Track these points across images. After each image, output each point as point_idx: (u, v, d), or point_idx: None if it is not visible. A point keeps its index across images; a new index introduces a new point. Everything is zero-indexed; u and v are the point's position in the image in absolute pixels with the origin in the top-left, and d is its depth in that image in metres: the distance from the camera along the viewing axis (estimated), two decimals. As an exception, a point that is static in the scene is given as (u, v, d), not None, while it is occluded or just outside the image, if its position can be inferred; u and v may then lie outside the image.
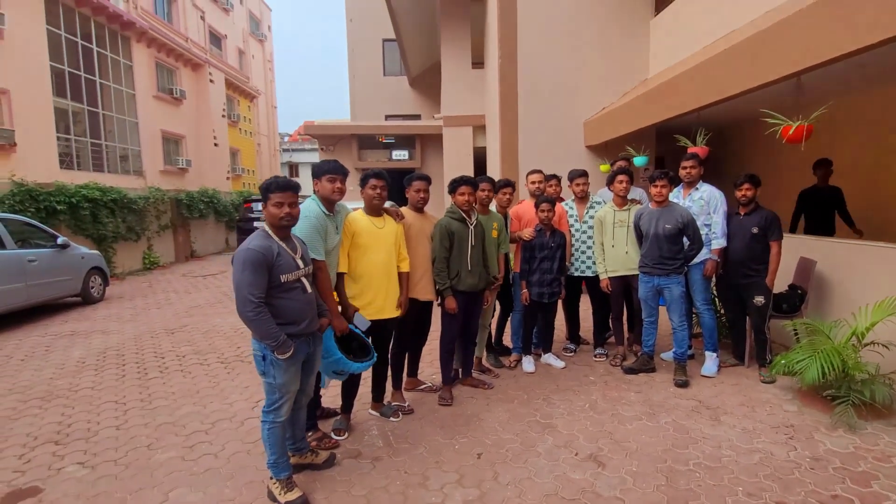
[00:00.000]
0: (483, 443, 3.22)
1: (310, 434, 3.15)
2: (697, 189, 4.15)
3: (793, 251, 4.44)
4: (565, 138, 7.69)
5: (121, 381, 4.59)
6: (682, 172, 4.19)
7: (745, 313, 4.18)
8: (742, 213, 4.02)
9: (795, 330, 4.14)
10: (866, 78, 4.59)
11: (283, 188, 2.58)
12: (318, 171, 3.12)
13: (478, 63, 10.52)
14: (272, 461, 2.70)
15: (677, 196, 4.30)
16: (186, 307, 7.89)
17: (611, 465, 2.92)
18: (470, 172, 10.60)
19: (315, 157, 40.84)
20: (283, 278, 2.56)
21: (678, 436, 3.22)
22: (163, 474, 2.99)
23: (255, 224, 13.74)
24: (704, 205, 4.07)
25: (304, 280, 2.69)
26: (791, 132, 3.46)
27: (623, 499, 2.60)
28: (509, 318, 4.71)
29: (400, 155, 12.15)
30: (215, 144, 22.34)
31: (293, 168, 41.92)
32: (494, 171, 8.75)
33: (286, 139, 45.65)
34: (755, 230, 3.91)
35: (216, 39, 23.72)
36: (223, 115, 23.84)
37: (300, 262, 2.67)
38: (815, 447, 3.02)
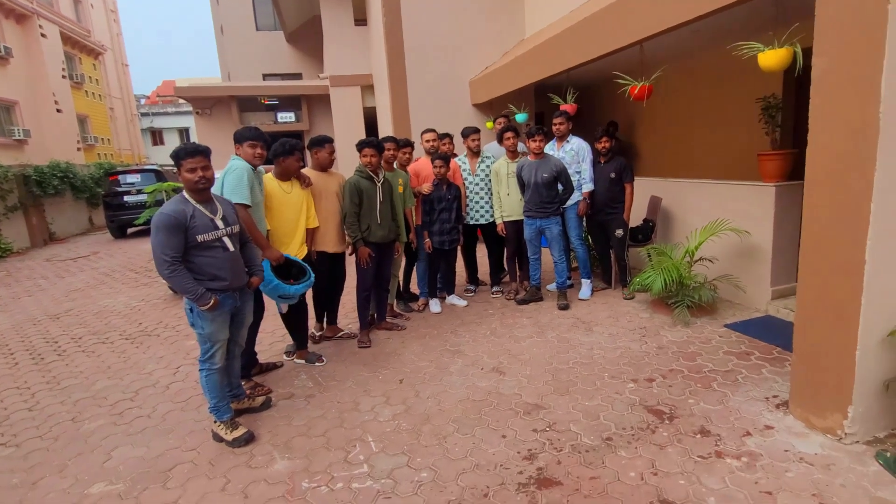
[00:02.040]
0: (403, 371, 3.70)
1: (243, 383, 3.39)
2: (569, 142, 4.82)
3: (645, 191, 5.37)
4: (453, 97, 8.11)
5: (15, 369, 4.35)
6: (553, 128, 4.83)
7: (609, 245, 5.04)
8: (602, 162, 4.79)
9: (648, 254, 5.12)
10: (701, 42, 5.50)
11: (192, 153, 2.69)
12: (239, 138, 3.28)
13: (360, 20, 10.43)
14: (213, 405, 2.94)
15: (552, 148, 4.95)
16: (64, 292, 7.28)
17: (510, 373, 3.55)
18: (361, 133, 10.67)
19: (182, 122, 37.35)
20: (200, 238, 2.71)
21: (561, 345, 3.96)
22: (98, 439, 3.07)
23: (126, 198, 12.69)
24: (575, 155, 4.76)
25: (225, 240, 2.84)
26: (636, 91, 4.22)
27: (520, 394, 3.24)
28: (414, 267, 5.16)
29: (286, 117, 11.73)
30: (58, 110, 19.61)
31: (156, 134, 37.87)
32: (386, 130, 8.98)
33: (142, 101, 40.85)
34: (613, 175, 4.72)
35: (43, -15, 20.37)
36: (64, 76, 20.85)
37: (220, 223, 2.82)
38: (660, 340, 3.91)
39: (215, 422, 2.96)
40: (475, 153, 5.21)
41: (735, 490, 2.24)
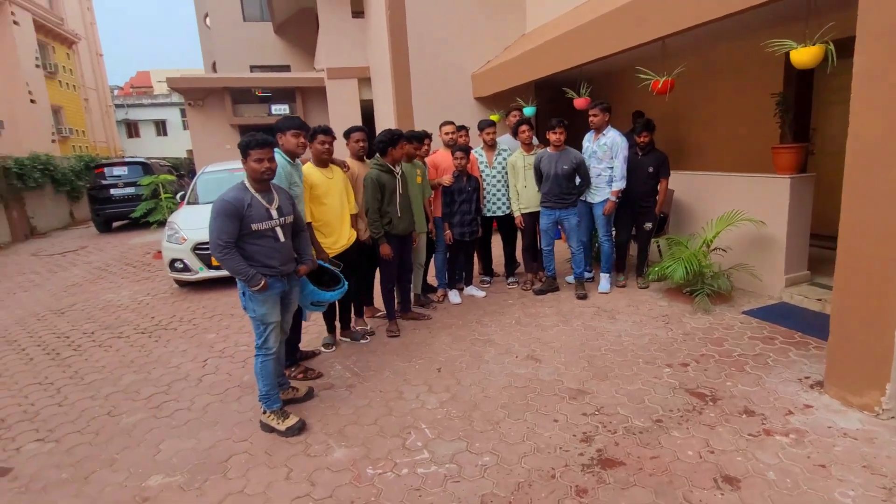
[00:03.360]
0: (438, 360, 3.74)
1: (292, 369, 3.40)
2: (605, 135, 4.77)
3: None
4: (455, 90, 8.13)
5: (31, 365, 4.24)
6: (591, 120, 4.81)
7: (632, 236, 5.11)
8: (640, 155, 4.81)
9: (658, 245, 5.27)
10: (718, 37, 5.63)
11: (261, 145, 2.72)
12: (282, 127, 3.27)
13: (358, 13, 10.34)
14: (264, 392, 2.94)
15: (589, 140, 4.92)
16: (61, 287, 7.09)
17: (545, 360, 3.62)
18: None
19: (159, 114, 36.37)
20: (255, 227, 2.77)
21: (588, 333, 4.05)
22: (141, 433, 3.04)
23: (112, 191, 12.36)
24: (608, 150, 4.74)
25: (277, 230, 2.87)
26: (659, 85, 4.32)
27: (561, 380, 3.31)
28: (432, 259, 5.19)
29: (280, 109, 11.55)
30: (32, 101, 18.97)
31: (132, 126, 36.79)
32: (386, 123, 8.95)
33: (115, 93, 39.61)
34: (651, 169, 4.75)
35: (15, -29, 19.59)
36: (37, 65, 20.15)
37: (275, 213, 2.85)
38: (684, 327, 4.04)
39: (265, 411, 2.97)
40: (491, 146, 5.25)
41: (790, 464, 2.35)
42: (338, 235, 3.75)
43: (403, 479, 2.43)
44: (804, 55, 3.09)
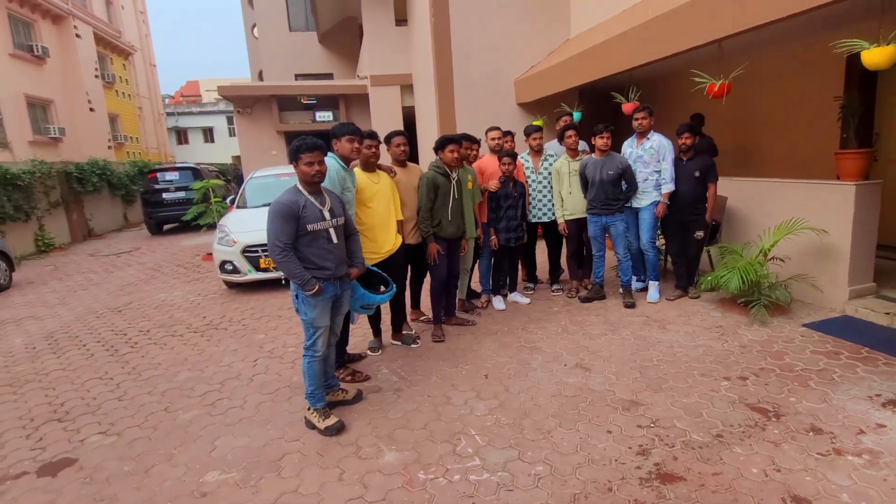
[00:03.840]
0: (485, 366, 3.71)
1: (340, 371, 3.45)
2: (649, 139, 4.68)
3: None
4: (497, 96, 8.12)
5: (92, 360, 4.44)
6: (634, 123, 4.69)
7: (684, 246, 4.81)
8: (685, 160, 4.62)
9: (709, 254, 5.08)
10: (775, 38, 5.43)
11: (312, 149, 2.78)
12: (338, 132, 3.33)
13: (401, 21, 10.49)
14: (310, 391, 3.00)
15: (631, 145, 4.86)
16: (117, 286, 7.43)
17: (594, 369, 3.54)
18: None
19: (207, 121, 37.82)
20: (310, 228, 2.84)
21: (638, 343, 3.94)
22: (197, 429, 3.13)
23: (164, 195, 12.91)
24: (654, 153, 4.64)
25: (331, 231, 2.93)
26: (716, 89, 4.19)
27: (612, 390, 3.23)
28: (476, 264, 5.17)
29: (324, 116, 11.83)
30: (91, 109, 20.01)
31: (181, 133, 38.41)
32: (428, 129, 9.02)
33: (166, 101, 41.44)
34: (697, 174, 4.53)
35: (77, -14, 20.78)
36: (96, 76, 21.27)
37: (327, 215, 2.91)
38: (740, 339, 3.88)
39: (309, 408, 3.03)
40: (537, 152, 5.20)
41: (865, 487, 2.21)
42: (383, 240, 3.76)
43: (456, 486, 2.41)
44: (878, 56, 2.93)
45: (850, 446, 2.51)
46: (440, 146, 4.14)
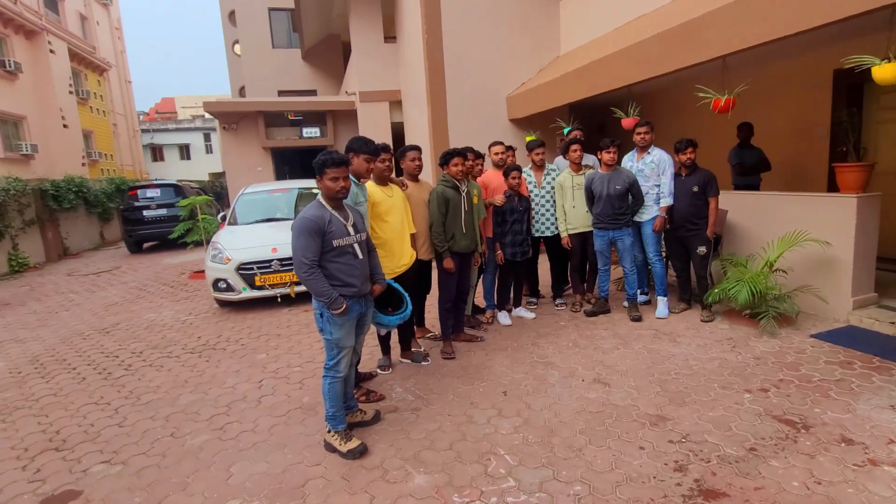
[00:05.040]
0: (501, 383, 3.64)
1: (354, 391, 3.33)
2: (650, 153, 4.76)
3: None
4: (489, 112, 8.17)
5: (84, 384, 4.21)
6: (636, 138, 4.76)
7: (689, 262, 4.81)
8: (684, 175, 4.64)
9: (724, 267, 5.06)
10: (770, 56, 5.56)
11: (338, 164, 2.72)
12: (356, 148, 3.30)
13: (389, 37, 10.53)
14: (331, 413, 2.88)
15: (632, 159, 4.93)
16: (101, 306, 7.13)
17: (614, 384, 3.51)
18: (387, 148, 10.69)
19: (182, 138, 37.26)
20: (336, 243, 2.76)
21: (652, 356, 3.93)
22: (209, 456, 2.97)
23: (145, 212, 12.56)
24: (655, 167, 4.71)
25: (356, 246, 2.85)
26: (721, 104, 4.28)
27: (636, 405, 3.19)
28: (480, 279, 5.12)
29: (311, 132, 11.72)
30: (65, 126, 19.52)
31: (156, 150, 37.74)
32: (419, 145, 8.99)
33: (140, 118, 40.72)
34: (696, 188, 4.53)
35: (52, 2, 20.42)
36: (70, 92, 20.80)
37: (351, 230, 2.83)
38: (752, 350, 3.90)
39: (329, 431, 2.91)
40: (539, 166, 5.22)
41: (908, 498, 2.21)
42: (400, 254, 3.71)
43: (494, 509, 2.32)
44: (889, 71, 3.02)
45: (885, 456, 2.51)
46: (445, 160, 4.12)
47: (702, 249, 4.61)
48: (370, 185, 3.61)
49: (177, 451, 3.05)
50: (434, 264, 4.21)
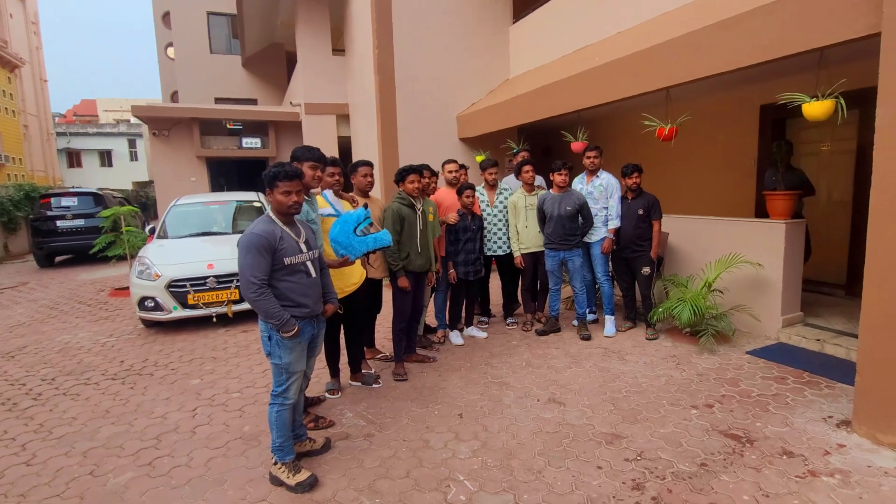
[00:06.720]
0: (457, 405, 3.55)
1: (303, 419, 3.12)
2: (598, 177, 4.93)
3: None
4: (439, 130, 8.18)
5: (-16, 417, 3.70)
6: (585, 161, 4.92)
7: (634, 282, 4.98)
8: (630, 198, 4.83)
9: (666, 287, 5.25)
10: (705, 89, 5.92)
11: (290, 177, 2.56)
12: (300, 156, 3.07)
13: (338, 50, 10.37)
14: (278, 444, 2.68)
15: (581, 182, 5.06)
16: (5, 327, 6.38)
17: (569, 403, 3.51)
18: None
19: (104, 143, 34.76)
20: (287, 261, 2.59)
21: (603, 374, 3.99)
22: (136, 495, 2.66)
23: (59, 223, 11.49)
24: (603, 190, 4.87)
25: (308, 264, 2.69)
26: (665, 133, 4.50)
27: (591, 424, 3.20)
28: (432, 298, 5.04)
29: (251, 143, 11.22)
30: (-32, 125, 17.71)
31: (73, 156, 34.95)
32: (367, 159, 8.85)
33: (56, 120, 37.71)
34: (641, 212, 4.73)
35: (-42, -10, 18.67)
36: (-24, 89, 18.97)
37: (304, 247, 2.67)
38: (695, 367, 4.05)
39: (275, 463, 2.70)
40: (492, 186, 5.26)
41: (848, 508, 2.32)
42: (349, 273, 3.55)
43: (457, 540, 2.22)
44: (817, 109, 3.28)
45: (822, 467, 2.64)
46: (401, 177, 4.05)
47: (646, 270, 4.78)
48: (320, 198, 3.46)
49: (97, 491, 2.72)
50: (385, 283, 4.09)
